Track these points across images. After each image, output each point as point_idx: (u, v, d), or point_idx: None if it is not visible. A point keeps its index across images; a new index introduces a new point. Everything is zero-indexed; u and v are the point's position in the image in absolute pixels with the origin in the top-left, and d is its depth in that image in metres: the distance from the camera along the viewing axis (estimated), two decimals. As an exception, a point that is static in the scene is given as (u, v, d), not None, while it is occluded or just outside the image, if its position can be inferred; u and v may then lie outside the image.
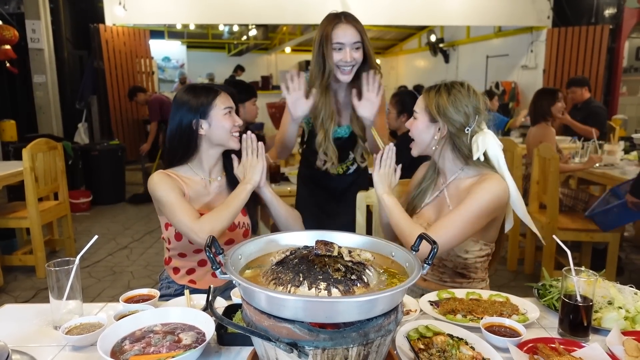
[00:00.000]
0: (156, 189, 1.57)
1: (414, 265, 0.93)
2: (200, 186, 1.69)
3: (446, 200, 1.61)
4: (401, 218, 1.52)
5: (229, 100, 1.68)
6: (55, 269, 1.22)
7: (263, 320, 0.85)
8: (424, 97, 1.58)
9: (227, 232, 1.67)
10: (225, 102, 1.66)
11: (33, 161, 3.51)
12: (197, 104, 1.63)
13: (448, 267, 1.62)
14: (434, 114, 1.54)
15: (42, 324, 1.26)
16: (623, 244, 4.09)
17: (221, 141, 1.66)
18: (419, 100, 1.61)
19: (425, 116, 1.57)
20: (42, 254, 3.69)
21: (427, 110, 1.56)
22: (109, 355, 1.03)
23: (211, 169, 1.72)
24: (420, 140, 1.60)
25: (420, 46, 13.00)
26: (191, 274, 1.70)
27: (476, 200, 1.47)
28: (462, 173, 1.60)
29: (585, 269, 1.21)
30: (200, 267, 1.70)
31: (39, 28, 6.56)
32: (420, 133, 1.59)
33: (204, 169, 1.71)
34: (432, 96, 1.55)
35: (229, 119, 1.64)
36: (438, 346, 1.08)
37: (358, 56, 1.88)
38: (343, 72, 1.89)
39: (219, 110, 1.63)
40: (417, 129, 1.59)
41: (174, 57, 12.15)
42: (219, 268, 0.90)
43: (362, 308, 0.82)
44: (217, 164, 1.73)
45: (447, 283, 1.62)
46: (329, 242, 0.96)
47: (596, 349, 1.07)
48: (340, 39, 1.84)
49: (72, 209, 4.44)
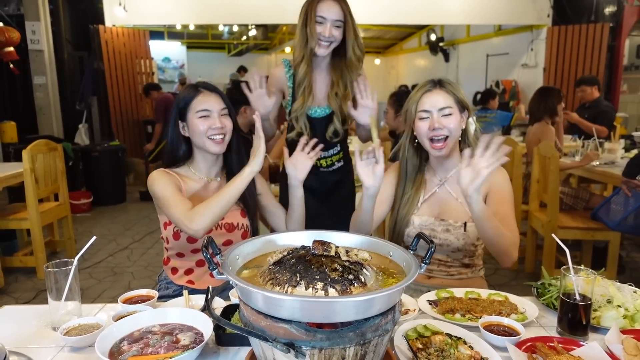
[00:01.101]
0: (153, 184, 1.58)
1: (411, 264, 0.93)
2: (199, 185, 1.69)
3: (451, 195, 1.64)
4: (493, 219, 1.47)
5: (209, 102, 1.61)
6: (54, 270, 1.22)
7: (260, 321, 0.85)
8: (451, 89, 1.60)
9: (226, 232, 1.67)
10: (202, 104, 1.60)
11: (33, 162, 3.51)
12: (178, 104, 1.63)
13: (457, 260, 1.64)
14: (465, 104, 1.61)
15: (41, 325, 1.26)
16: (624, 242, 4.08)
17: (199, 144, 1.63)
18: (445, 97, 1.59)
19: (457, 108, 1.60)
20: (43, 255, 3.69)
21: (458, 102, 1.60)
22: (107, 356, 1.03)
23: (209, 170, 1.71)
24: (456, 135, 1.61)
25: (420, 45, 13.00)
26: (189, 274, 1.70)
27: (510, 195, 1.60)
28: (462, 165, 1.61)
29: (584, 268, 1.21)
30: (198, 267, 1.70)
31: (39, 29, 6.56)
32: (458, 126, 1.60)
33: (202, 170, 1.70)
34: (455, 87, 1.61)
35: (202, 122, 1.59)
36: (436, 345, 1.08)
37: (337, 34, 1.93)
38: (320, 46, 1.94)
39: (193, 112, 1.60)
40: (457, 123, 1.59)
41: (174, 58, 12.16)
42: (216, 268, 0.90)
43: (359, 308, 0.82)
44: (215, 164, 1.71)
45: (454, 277, 1.64)
46: (326, 242, 0.96)
47: (595, 347, 1.07)
48: (323, 13, 1.90)
49: (72, 210, 4.44)
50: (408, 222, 1.66)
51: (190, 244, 1.64)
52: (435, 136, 1.58)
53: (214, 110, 1.61)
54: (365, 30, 13.06)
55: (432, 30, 11.63)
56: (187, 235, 1.59)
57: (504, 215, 1.55)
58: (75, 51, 7.38)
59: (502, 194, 1.59)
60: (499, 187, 1.60)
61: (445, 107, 1.58)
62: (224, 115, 1.64)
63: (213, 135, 1.60)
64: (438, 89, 1.61)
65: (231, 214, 1.68)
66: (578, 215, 3.49)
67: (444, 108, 1.58)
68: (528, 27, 8.48)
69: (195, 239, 1.62)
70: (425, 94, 1.62)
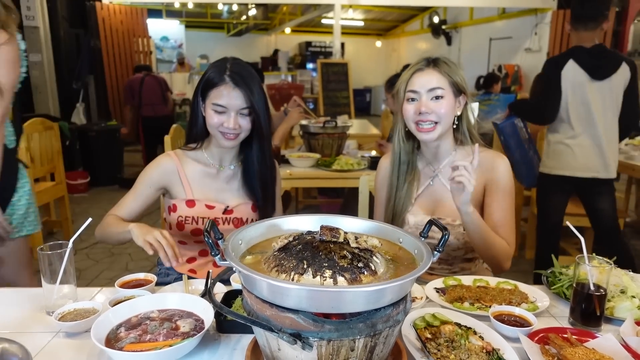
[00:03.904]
0: (147, 167, 1.58)
1: (422, 252, 0.89)
2: (210, 171, 1.60)
3: (445, 187, 1.54)
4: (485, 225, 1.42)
5: (229, 97, 1.44)
6: (48, 252, 1.17)
7: (265, 310, 0.80)
8: (445, 70, 1.46)
9: (234, 228, 1.58)
10: (220, 99, 1.45)
11: (29, 141, 3.45)
12: (202, 81, 1.51)
13: (458, 257, 1.57)
14: (461, 86, 1.48)
15: (35, 309, 1.22)
16: (624, 230, 4.05)
17: (211, 133, 1.52)
18: (437, 77, 1.46)
19: (451, 91, 1.47)
20: (39, 236, 3.64)
21: (452, 84, 1.47)
22: (104, 343, 0.99)
23: (223, 156, 1.61)
24: (448, 121, 1.48)
25: (422, 28, 12.84)
26: (191, 262, 1.64)
27: (511, 190, 1.51)
28: (456, 154, 1.56)
29: (598, 257, 1.17)
30: (201, 256, 1.64)
31: (34, 5, 6.41)
32: (450, 112, 1.47)
33: (214, 155, 1.61)
34: (451, 68, 1.48)
35: (216, 116, 1.47)
36: (446, 336, 1.04)
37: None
38: None
39: (210, 101, 1.47)
40: (449, 108, 1.46)
41: (172, 37, 11.98)
42: (218, 254, 0.85)
43: (370, 298, 0.77)
44: (229, 152, 1.60)
45: (457, 274, 1.58)
46: (334, 228, 0.91)
47: (610, 339, 1.03)
48: None
49: (69, 190, 4.38)
50: (403, 221, 1.58)
51: (194, 236, 1.58)
52: (422, 121, 1.46)
53: (231, 109, 1.46)
54: (367, 12, 12.87)
55: (435, 13, 11.47)
56: (192, 227, 1.56)
57: (502, 214, 1.48)
58: (71, 28, 7.24)
59: (501, 186, 1.50)
60: (499, 179, 1.50)
61: (435, 87, 1.44)
62: (242, 114, 1.48)
63: (225, 131, 1.49)
64: (431, 68, 1.47)
65: (241, 207, 1.60)
66: (580, 201, 3.45)
67: (434, 89, 1.44)
68: (532, 10, 8.35)
69: (201, 232, 1.55)
70: (416, 73, 1.48)
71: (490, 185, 1.51)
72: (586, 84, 2.58)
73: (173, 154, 1.60)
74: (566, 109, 2.63)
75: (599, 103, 2.60)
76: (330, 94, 7.31)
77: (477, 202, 1.53)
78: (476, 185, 1.33)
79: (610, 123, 2.63)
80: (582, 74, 2.58)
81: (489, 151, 1.55)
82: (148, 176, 1.57)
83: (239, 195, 1.63)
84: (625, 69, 2.57)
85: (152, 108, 6.10)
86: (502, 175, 1.50)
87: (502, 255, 1.44)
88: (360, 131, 4.98)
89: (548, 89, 2.68)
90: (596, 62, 2.57)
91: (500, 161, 1.51)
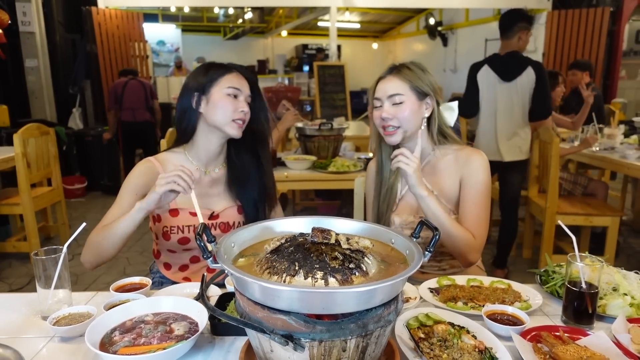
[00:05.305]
0: (128, 175, 1.51)
1: (414, 252, 0.89)
2: None
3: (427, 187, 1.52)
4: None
5: (239, 82, 1.51)
6: (42, 257, 1.17)
7: (257, 312, 0.81)
8: (405, 76, 1.50)
9: (221, 233, 1.54)
10: (232, 82, 1.49)
11: (25, 146, 3.45)
12: (202, 79, 1.50)
13: (445, 254, 1.58)
14: (425, 90, 1.50)
15: (30, 314, 1.22)
16: (621, 228, 4.07)
17: (217, 123, 1.48)
18: (396, 83, 1.49)
19: (414, 95, 1.50)
20: (36, 241, 3.63)
21: (414, 88, 1.49)
22: (98, 347, 0.99)
23: (209, 159, 1.57)
24: (411, 126, 1.50)
25: (418, 29, 12.86)
26: (184, 270, 1.60)
27: (482, 184, 1.51)
28: (436, 153, 1.59)
29: (589, 255, 1.18)
30: (193, 263, 1.59)
31: (30, 11, 6.41)
32: (412, 116, 1.49)
33: (201, 158, 1.56)
34: (414, 72, 1.51)
35: (230, 102, 1.47)
36: (439, 335, 1.04)
37: None
38: None
39: (221, 88, 1.47)
40: (409, 112, 1.48)
41: (168, 41, 11.97)
42: (210, 257, 0.85)
43: (361, 298, 0.78)
44: (219, 154, 1.58)
45: (446, 271, 1.59)
46: (325, 229, 0.92)
47: (602, 337, 1.04)
48: None
49: (66, 195, 4.38)
50: (388, 221, 1.61)
51: (181, 245, 1.53)
52: (385, 126, 1.51)
53: (243, 92, 1.51)
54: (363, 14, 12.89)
55: (431, 14, 11.49)
56: (178, 237, 1.51)
57: (471, 207, 1.49)
58: (67, 33, 7.24)
59: (473, 180, 1.51)
60: (472, 173, 1.52)
61: (394, 94, 1.48)
62: (248, 103, 1.54)
63: (238, 118, 1.49)
64: (393, 75, 1.51)
65: (226, 212, 1.57)
66: (576, 200, 3.47)
67: (392, 96, 1.48)
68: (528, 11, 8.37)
69: (188, 241, 1.52)
70: (380, 81, 1.54)
71: (464, 179, 1.54)
72: (497, 84, 3.17)
73: (154, 159, 1.54)
74: (481, 105, 3.25)
75: (507, 100, 3.18)
76: (327, 96, 7.32)
77: (453, 197, 1.56)
78: (452, 180, 1.53)
79: (516, 117, 3.20)
80: (493, 76, 3.18)
81: (467, 148, 1.58)
82: (131, 184, 1.49)
83: (224, 198, 1.60)
84: (530, 71, 3.09)
85: (132, 113, 5.72)
86: (475, 170, 1.52)
87: (465, 246, 1.44)
88: (357, 133, 4.99)
89: (467, 89, 3.31)
90: (505, 66, 3.14)
91: (475, 157, 1.54)
